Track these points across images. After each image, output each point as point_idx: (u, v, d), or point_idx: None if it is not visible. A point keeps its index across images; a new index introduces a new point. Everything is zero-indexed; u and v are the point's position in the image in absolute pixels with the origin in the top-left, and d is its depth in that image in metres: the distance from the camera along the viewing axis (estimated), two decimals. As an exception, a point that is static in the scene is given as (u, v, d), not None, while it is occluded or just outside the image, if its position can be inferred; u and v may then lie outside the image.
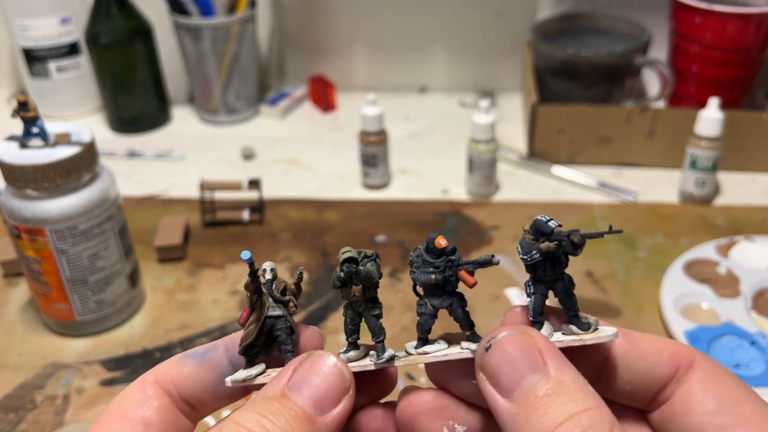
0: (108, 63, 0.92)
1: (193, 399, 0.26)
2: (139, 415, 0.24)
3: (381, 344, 0.26)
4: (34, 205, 0.54)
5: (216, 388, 0.26)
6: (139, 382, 0.25)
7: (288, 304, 0.26)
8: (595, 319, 0.26)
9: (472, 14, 1.00)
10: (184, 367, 0.26)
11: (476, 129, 0.76)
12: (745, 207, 0.77)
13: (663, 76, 0.85)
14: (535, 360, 0.23)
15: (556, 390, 0.22)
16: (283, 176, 0.85)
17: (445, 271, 0.26)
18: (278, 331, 0.26)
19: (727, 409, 0.24)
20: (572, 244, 0.25)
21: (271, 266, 0.26)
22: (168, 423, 0.25)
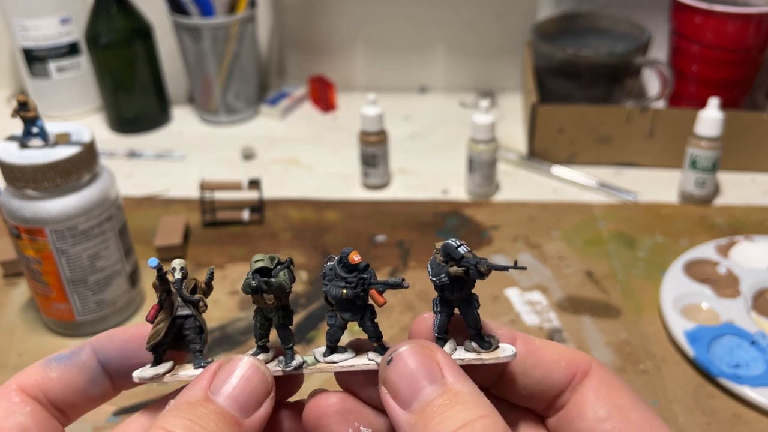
0: (108, 63, 0.92)
1: (62, 403, 0.26)
2: (14, 422, 0.24)
3: (290, 351, 0.27)
4: (34, 205, 0.54)
5: (87, 390, 0.26)
6: (2, 393, 0.25)
7: (198, 304, 0.26)
8: (496, 338, 0.27)
9: (472, 14, 1.00)
10: (51, 371, 0.25)
11: (476, 129, 0.76)
12: (745, 207, 0.77)
13: (663, 76, 0.85)
14: (433, 372, 0.24)
15: (452, 400, 0.23)
16: (283, 176, 0.85)
17: (356, 288, 0.26)
18: (187, 330, 0.26)
19: (616, 415, 0.25)
20: (479, 272, 0.25)
21: (180, 265, 0.26)
22: (43, 427, 0.24)
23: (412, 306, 0.63)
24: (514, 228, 0.74)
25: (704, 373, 0.55)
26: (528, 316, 0.62)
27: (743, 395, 0.52)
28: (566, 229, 0.74)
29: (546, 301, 0.64)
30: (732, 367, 0.55)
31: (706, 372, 0.54)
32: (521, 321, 0.61)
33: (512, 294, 0.64)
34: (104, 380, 0.26)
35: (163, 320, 0.26)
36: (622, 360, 0.57)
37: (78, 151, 0.54)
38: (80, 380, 0.26)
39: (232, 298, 0.65)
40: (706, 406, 0.53)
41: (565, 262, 0.69)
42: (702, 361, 0.55)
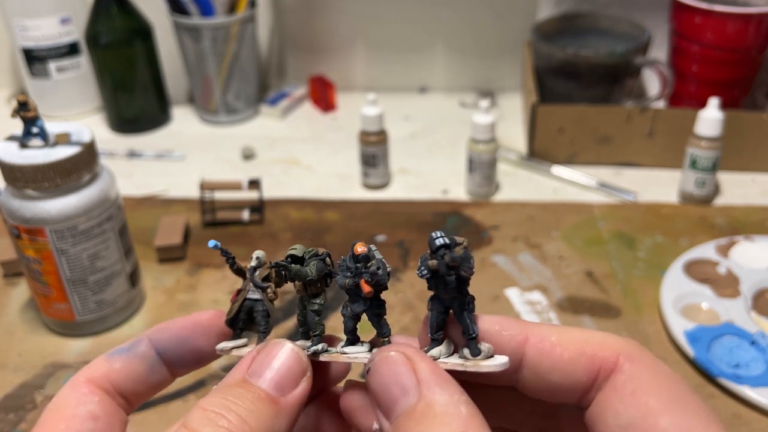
0: (108, 63, 0.92)
1: (127, 391, 0.27)
2: (84, 411, 0.25)
3: (316, 338, 0.28)
4: (34, 205, 0.54)
5: (148, 378, 0.28)
6: (72, 385, 0.26)
7: (265, 290, 0.29)
8: (489, 346, 0.25)
9: (472, 14, 1.00)
10: (114, 363, 0.27)
11: (476, 129, 0.76)
12: (745, 207, 0.77)
13: (663, 76, 0.85)
14: (405, 383, 0.23)
15: (424, 414, 0.22)
16: (283, 176, 0.85)
17: (355, 278, 0.27)
18: (256, 312, 0.29)
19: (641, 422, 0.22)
20: (445, 265, 0.24)
21: (258, 255, 0.28)
22: (111, 415, 0.26)
23: (412, 306, 0.63)
24: (514, 228, 0.74)
25: (704, 373, 0.55)
26: (528, 316, 0.62)
27: (743, 395, 0.52)
28: (566, 229, 0.74)
29: (546, 301, 0.64)
30: (732, 367, 0.55)
31: (706, 372, 0.54)
32: (521, 321, 0.61)
33: (512, 294, 0.64)
34: (162, 368, 0.28)
35: (238, 300, 0.29)
36: (622, 360, 0.57)
37: (78, 151, 0.54)
38: (141, 369, 0.27)
39: (232, 298, 0.65)
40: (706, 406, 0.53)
41: (565, 262, 0.69)
42: (702, 361, 0.55)
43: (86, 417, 0.25)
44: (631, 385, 0.23)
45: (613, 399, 0.23)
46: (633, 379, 0.23)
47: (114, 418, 0.26)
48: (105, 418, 0.25)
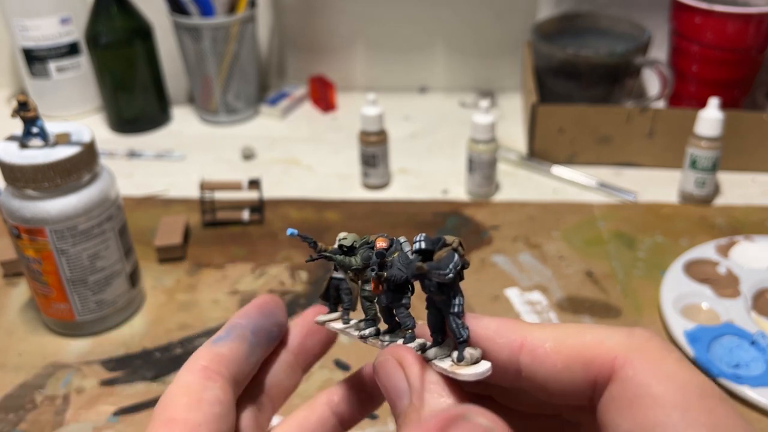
0: (108, 63, 0.92)
1: (236, 374, 0.28)
2: (212, 395, 0.26)
3: (364, 322, 0.29)
4: (34, 205, 0.54)
5: (248, 358, 0.29)
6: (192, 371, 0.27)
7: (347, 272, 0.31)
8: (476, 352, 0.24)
9: (472, 14, 1.00)
10: (221, 348, 0.28)
11: (476, 129, 0.76)
12: (745, 207, 0.77)
13: (663, 76, 0.85)
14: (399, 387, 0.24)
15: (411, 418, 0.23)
16: (283, 176, 0.85)
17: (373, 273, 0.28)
18: (341, 290, 0.31)
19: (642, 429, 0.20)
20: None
21: (341, 236, 0.30)
22: (231, 400, 0.27)
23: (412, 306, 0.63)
24: (514, 228, 0.74)
25: (704, 373, 0.55)
26: (528, 316, 0.62)
27: (743, 395, 0.52)
28: (566, 229, 0.74)
29: (546, 301, 0.64)
30: (732, 367, 0.55)
31: (706, 372, 0.54)
32: (521, 321, 0.61)
33: (512, 294, 0.64)
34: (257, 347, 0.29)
35: (326, 279, 0.31)
36: (622, 360, 0.57)
37: (78, 151, 0.54)
38: (243, 350, 0.28)
39: (232, 298, 0.65)
40: (706, 406, 0.53)
41: (565, 262, 0.69)
42: (702, 361, 0.55)
43: (213, 401, 0.25)
44: (629, 395, 0.21)
45: (611, 410, 0.22)
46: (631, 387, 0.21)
47: (233, 404, 0.27)
48: (227, 403, 0.26)
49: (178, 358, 0.59)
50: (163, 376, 0.57)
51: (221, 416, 0.25)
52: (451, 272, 0.24)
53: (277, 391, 0.31)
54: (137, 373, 0.57)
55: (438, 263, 0.24)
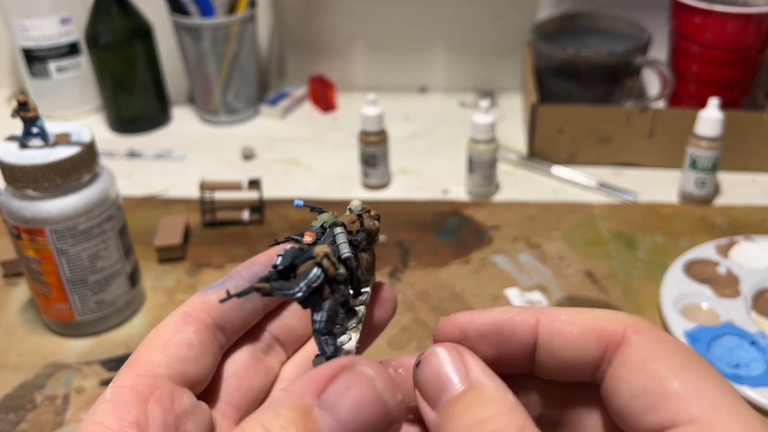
0: (108, 63, 0.92)
1: (223, 321, 0.28)
2: (180, 339, 0.26)
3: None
4: (34, 205, 0.54)
5: (242, 306, 0.28)
6: (172, 316, 0.27)
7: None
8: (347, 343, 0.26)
9: (472, 14, 1.00)
10: (210, 295, 0.28)
11: (476, 129, 0.76)
12: (745, 207, 0.77)
13: (663, 76, 0.85)
14: (457, 371, 0.24)
15: (472, 398, 0.23)
16: (283, 176, 0.85)
17: None
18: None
19: (652, 387, 0.22)
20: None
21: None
22: (205, 344, 0.27)
23: (412, 306, 0.63)
24: (514, 228, 0.74)
25: (704, 373, 0.55)
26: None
27: (743, 395, 0.52)
28: (566, 229, 0.74)
29: (546, 301, 0.64)
30: (732, 367, 0.55)
31: (706, 372, 0.54)
32: (521, 321, 0.61)
33: (512, 294, 0.64)
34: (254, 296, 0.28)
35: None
36: (622, 360, 0.57)
37: (78, 151, 0.54)
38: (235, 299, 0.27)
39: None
40: (706, 406, 0.53)
41: (565, 262, 0.69)
42: (702, 361, 0.55)
43: (181, 344, 0.26)
44: (640, 355, 0.23)
45: (623, 370, 0.23)
46: (641, 350, 0.23)
47: (208, 348, 0.27)
48: (199, 347, 0.26)
49: (178, 358, 0.59)
50: (163, 376, 0.57)
51: (188, 358, 0.26)
52: (300, 291, 0.23)
53: (288, 336, 0.30)
54: (137, 373, 0.57)
55: (287, 282, 0.23)
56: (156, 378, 0.25)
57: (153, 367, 0.25)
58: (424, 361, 0.25)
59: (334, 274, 0.24)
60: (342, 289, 0.25)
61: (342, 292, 0.25)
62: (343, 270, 0.24)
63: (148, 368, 0.25)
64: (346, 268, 0.25)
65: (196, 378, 0.26)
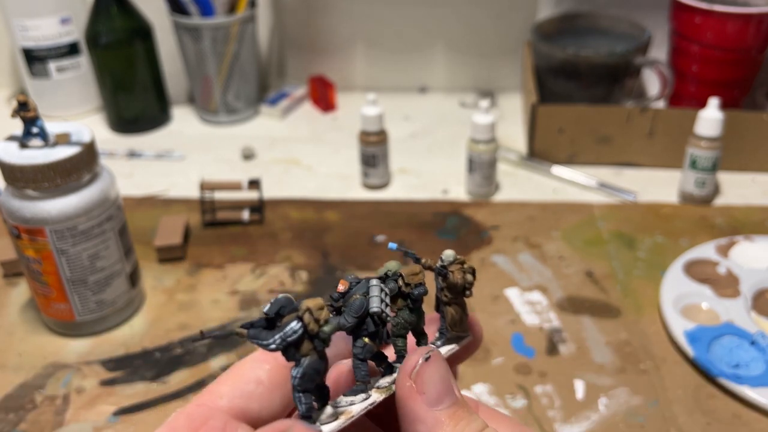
0: (108, 63, 0.92)
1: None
2: (253, 375, 0.27)
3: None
4: (34, 205, 0.54)
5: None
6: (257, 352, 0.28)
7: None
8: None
9: (472, 14, 1.00)
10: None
11: (476, 129, 0.76)
12: (745, 207, 0.77)
13: (663, 76, 0.85)
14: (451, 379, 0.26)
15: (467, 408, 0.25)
16: (283, 176, 0.85)
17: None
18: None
19: None
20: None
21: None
22: (276, 384, 0.27)
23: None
24: (514, 228, 0.74)
25: (704, 373, 0.55)
26: (528, 316, 0.62)
27: (743, 395, 0.52)
28: (566, 229, 0.74)
29: (546, 301, 0.64)
30: (732, 367, 0.55)
31: (706, 372, 0.54)
32: (521, 321, 0.61)
33: (512, 294, 0.64)
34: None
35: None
36: (622, 360, 0.57)
37: (78, 151, 0.54)
38: None
39: (232, 298, 0.65)
40: (706, 406, 0.53)
41: (565, 262, 0.69)
42: (702, 361, 0.55)
43: (250, 379, 0.27)
44: None
45: None
46: None
47: (278, 388, 0.27)
48: (268, 385, 0.27)
49: (178, 358, 0.59)
50: (163, 376, 0.57)
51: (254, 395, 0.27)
52: (273, 343, 0.23)
53: None
54: (137, 373, 0.57)
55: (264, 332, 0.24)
56: (214, 409, 0.25)
57: (216, 398, 0.26)
58: (434, 360, 0.26)
59: (316, 330, 0.23)
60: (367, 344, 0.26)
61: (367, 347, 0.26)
62: (328, 328, 0.24)
63: (210, 398, 0.26)
64: (374, 323, 0.26)
65: (259, 415, 0.26)
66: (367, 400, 0.26)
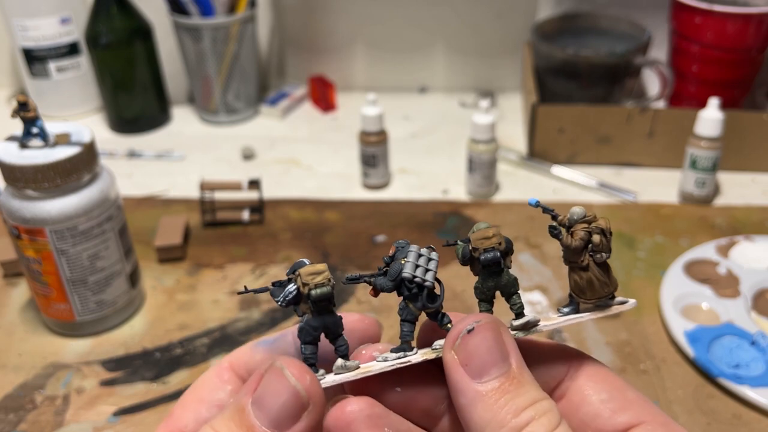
0: (108, 63, 0.92)
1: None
2: (214, 398, 0.27)
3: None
4: (34, 205, 0.54)
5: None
6: (216, 368, 0.28)
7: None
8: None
9: (472, 14, 1.00)
10: (257, 354, 0.28)
11: (476, 129, 0.76)
12: (745, 207, 0.77)
13: (663, 76, 0.85)
14: (504, 350, 0.25)
15: (520, 380, 0.25)
16: (283, 176, 0.85)
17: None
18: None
19: (617, 395, 0.27)
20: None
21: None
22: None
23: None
24: (514, 228, 0.74)
25: (704, 373, 0.55)
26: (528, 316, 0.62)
27: (743, 395, 0.52)
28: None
29: (546, 301, 0.64)
30: (732, 367, 0.55)
31: (706, 372, 0.54)
32: (521, 321, 0.61)
33: (512, 294, 0.64)
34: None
35: None
36: (622, 360, 0.57)
37: (78, 151, 0.54)
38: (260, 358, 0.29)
39: (232, 299, 0.65)
40: (706, 406, 0.53)
41: (565, 262, 0.69)
42: (702, 361, 0.55)
43: (214, 404, 0.27)
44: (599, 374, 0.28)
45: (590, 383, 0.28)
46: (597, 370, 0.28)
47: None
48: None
49: (178, 358, 0.59)
50: (163, 376, 0.57)
51: None
52: (280, 300, 0.26)
53: None
54: (137, 374, 0.57)
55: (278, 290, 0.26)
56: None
57: (182, 425, 0.26)
58: (477, 330, 0.25)
59: (306, 292, 0.25)
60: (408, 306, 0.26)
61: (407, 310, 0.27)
62: (316, 291, 0.25)
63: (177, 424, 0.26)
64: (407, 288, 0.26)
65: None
66: (402, 359, 0.26)
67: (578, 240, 0.27)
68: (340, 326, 0.26)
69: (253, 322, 0.62)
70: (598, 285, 0.27)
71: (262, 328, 0.62)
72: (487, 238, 0.26)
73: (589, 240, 0.27)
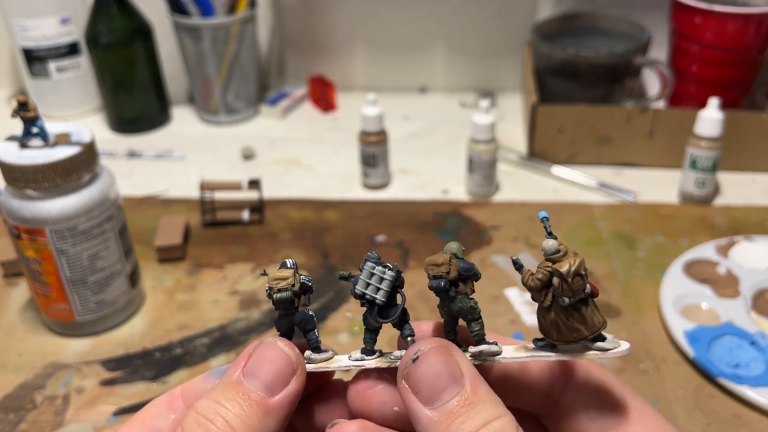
0: (108, 63, 0.92)
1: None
2: (156, 425, 0.27)
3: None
4: (34, 205, 0.54)
5: None
6: (168, 395, 0.28)
7: None
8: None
9: (472, 14, 1.00)
10: (208, 384, 0.29)
11: (476, 129, 0.76)
12: (745, 207, 0.77)
13: (663, 76, 0.85)
14: (454, 373, 0.25)
15: (473, 401, 0.24)
16: (283, 176, 0.85)
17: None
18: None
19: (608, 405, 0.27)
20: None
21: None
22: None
23: (412, 306, 0.63)
24: (514, 228, 0.74)
25: (704, 373, 0.55)
26: (528, 316, 0.62)
27: (743, 395, 0.52)
28: (566, 229, 0.74)
29: (546, 301, 0.64)
30: (732, 367, 0.55)
31: (706, 372, 0.54)
32: (521, 321, 0.61)
33: (512, 294, 0.64)
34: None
35: None
36: (622, 360, 0.57)
37: (78, 151, 0.54)
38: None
39: (232, 298, 0.65)
40: (706, 406, 0.53)
41: (565, 262, 0.69)
42: (702, 361, 0.55)
43: (153, 430, 0.27)
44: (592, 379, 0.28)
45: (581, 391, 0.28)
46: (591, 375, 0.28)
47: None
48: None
49: (178, 358, 0.59)
50: (163, 376, 0.57)
51: None
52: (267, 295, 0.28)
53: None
54: (137, 373, 0.57)
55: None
56: None
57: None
58: (421, 358, 0.25)
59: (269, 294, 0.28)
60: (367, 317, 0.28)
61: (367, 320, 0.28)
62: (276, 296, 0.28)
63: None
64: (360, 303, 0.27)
65: None
66: (358, 362, 0.28)
67: (535, 280, 0.25)
68: (309, 322, 0.28)
69: (253, 322, 0.62)
70: (565, 329, 0.25)
71: (262, 327, 0.62)
72: (436, 265, 0.26)
73: (548, 282, 0.25)
